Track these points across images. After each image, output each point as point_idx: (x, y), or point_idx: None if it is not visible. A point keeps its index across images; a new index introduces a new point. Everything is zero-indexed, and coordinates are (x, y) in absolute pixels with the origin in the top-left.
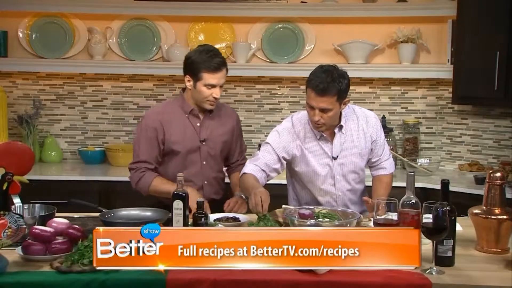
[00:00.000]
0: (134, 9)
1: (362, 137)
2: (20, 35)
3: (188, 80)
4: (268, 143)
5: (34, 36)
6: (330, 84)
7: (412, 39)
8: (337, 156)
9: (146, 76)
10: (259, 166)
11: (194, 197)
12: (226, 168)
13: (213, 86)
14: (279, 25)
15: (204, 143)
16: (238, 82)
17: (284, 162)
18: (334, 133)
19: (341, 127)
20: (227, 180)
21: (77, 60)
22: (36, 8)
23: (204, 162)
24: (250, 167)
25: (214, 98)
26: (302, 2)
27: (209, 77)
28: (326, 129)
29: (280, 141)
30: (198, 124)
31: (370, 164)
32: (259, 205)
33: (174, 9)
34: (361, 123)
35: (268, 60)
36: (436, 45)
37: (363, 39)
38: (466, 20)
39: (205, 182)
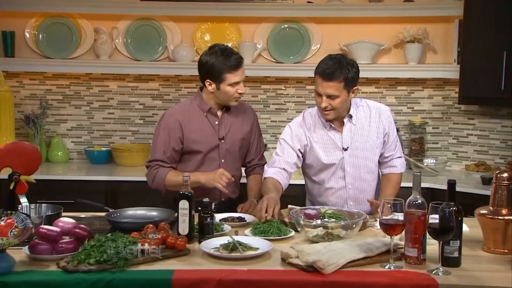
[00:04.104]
0: (140, 9)
1: (374, 129)
2: (27, 35)
3: (210, 84)
4: (281, 140)
5: (41, 36)
6: (337, 70)
7: (418, 39)
8: (348, 147)
9: (152, 76)
10: (278, 167)
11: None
12: (244, 168)
13: (237, 83)
14: (285, 25)
15: (222, 141)
16: (244, 82)
17: (301, 154)
18: (344, 123)
19: (350, 116)
20: (243, 180)
21: (84, 60)
22: (42, 8)
23: (223, 160)
24: (270, 171)
25: (239, 93)
26: (308, 2)
27: (232, 77)
28: (335, 117)
29: (293, 135)
30: (217, 123)
31: (381, 160)
32: (262, 211)
33: (180, 9)
34: (373, 115)
35: (274, 60)
36: (443, 45)
37: (369, 39)
38: (473, 20)
39: None
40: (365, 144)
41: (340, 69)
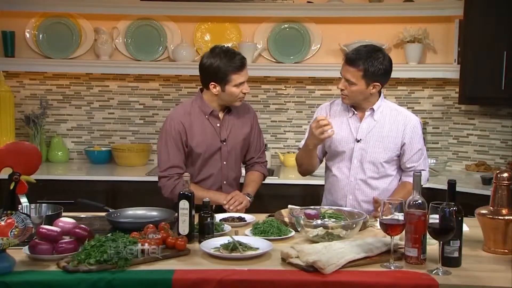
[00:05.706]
0: (140, 9)
1: (394, 132)
2: (27, 35)
3: (214, 87)
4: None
5: (41, 36)
6: (361, 59)
7: (418, 39)
8: (361, 140)
9: (152, 76)
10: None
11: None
12: (244, 165)
13: (242, 83)
14: (285, 25)
15: (224, 143)
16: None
17: None
18: (365, 115)
19: (372, 110)
20: (243, 180)
21: (84, 60)
22: (43, 8)
23: (225, 163)
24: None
25: (244, 93)
26: (308, 2)
27: (237, 78)
28: (351, 103)
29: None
30: (218, 125)
31: (403, 168)
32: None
33: (180, 9)
34: (399, 120)
35: (274, 60)
36: (443, 45)
37: (369, 39)
38: (473, 19)
39: (224, 182)
40: (378, 143)
41: (364, 60)
